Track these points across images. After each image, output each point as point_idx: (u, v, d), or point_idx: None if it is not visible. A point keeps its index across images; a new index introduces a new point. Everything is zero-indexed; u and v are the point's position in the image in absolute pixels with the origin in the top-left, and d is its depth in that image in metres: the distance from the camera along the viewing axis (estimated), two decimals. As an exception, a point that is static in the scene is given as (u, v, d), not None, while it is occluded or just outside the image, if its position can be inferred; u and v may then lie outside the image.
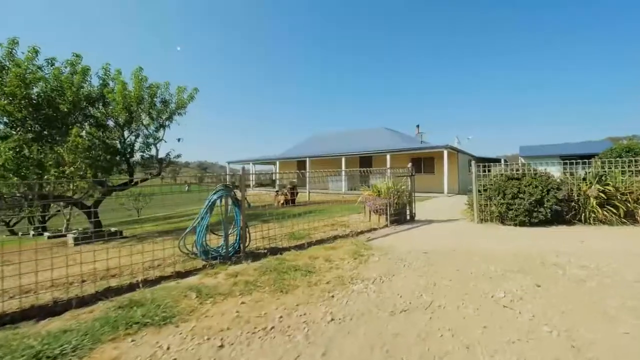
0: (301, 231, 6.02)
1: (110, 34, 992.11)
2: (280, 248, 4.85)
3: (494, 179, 6.85)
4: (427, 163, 21.04)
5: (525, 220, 6.18)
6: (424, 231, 6.21)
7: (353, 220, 7.21)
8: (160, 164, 8.61)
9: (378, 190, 7.28)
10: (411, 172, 7.68)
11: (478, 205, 6.86)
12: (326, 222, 7.36)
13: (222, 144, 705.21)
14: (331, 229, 6.45)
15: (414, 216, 7.75)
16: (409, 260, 3.92)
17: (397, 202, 7.13)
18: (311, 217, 8.61)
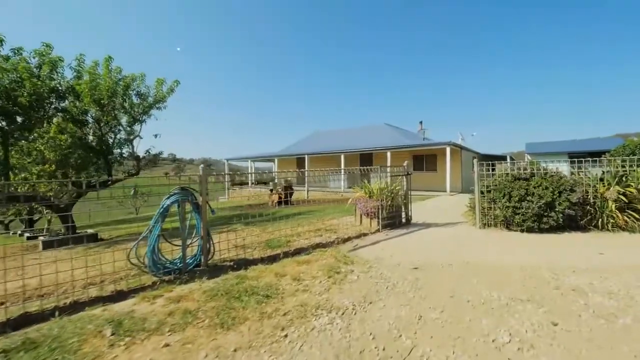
0: (282, 238, 5.38)
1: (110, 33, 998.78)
2: (250, 260, 4.21)
3: (499, 179, 6.14)
4: (429, 160, 20.29)
5: (533, 226, 5.47)
6: (419, 238, 5.53)
7: (343, 224, 6.56)
8: (137, 162, 7.99)
9: (370, 191, 6.61)
10: (407, 171, 6.99)
11: (480, 208, 6.16)
12: (313, 226, 6.71)
13: (228, 140, 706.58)
14: (316, 234, 5.80)
15: (410, 219, 7.07)
16: (394, 279, 3.25)
17: (391, 204, 6.45)
18: (300, 219, 7.98)
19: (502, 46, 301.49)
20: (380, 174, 6.57)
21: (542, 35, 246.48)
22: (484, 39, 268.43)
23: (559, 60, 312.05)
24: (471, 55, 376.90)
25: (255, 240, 5.24)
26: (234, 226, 7.37)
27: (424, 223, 7.12)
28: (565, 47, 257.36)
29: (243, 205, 15.85)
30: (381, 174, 6.49)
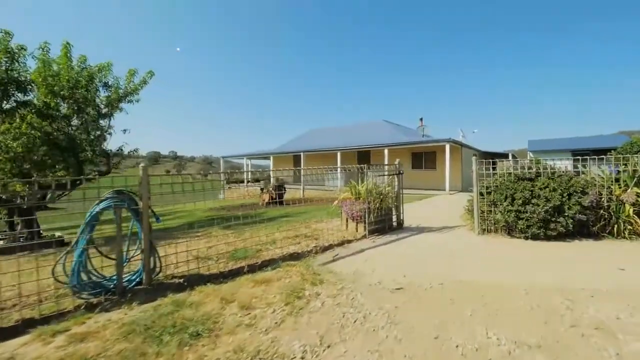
0: (253, 247, 4.74)
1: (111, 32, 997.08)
2: (206, 276, 3.57)
3: (500, 179, 5.47)
4: (429, 158, 19.61)
5: (539, 232, 4.81)
6: (408, 247, 4.87)
7: (328, 228, 5.90)
8: (107, 159, 7.34)
9: (357, 192, 5.95)
10: (398, 169, 6.32)
11: (479, 212, 5.49)
12: (295, 231, 6.07)
13: (230, 138, 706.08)
14: (293, 242, 5.15)
15: (402, 223, 6.41)
16: (368, 307, 2.60)
17: (380, 206, 5.79)
18: (285, 222, 7.34)
19: (503, 45, 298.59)
20: (367, 173, 5.91)
21: (542, 34, 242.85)
22: (485, 38, 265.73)
23: (560, 59, 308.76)
24: (473, 53, 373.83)
25: (224, 249, 4.60)
26: (211, 230, 6.74)
27: (417, 227, 6.46)
28: (566, 46, 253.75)
29: (233, 205, 15.21)
30: (368, 173, 5.82)
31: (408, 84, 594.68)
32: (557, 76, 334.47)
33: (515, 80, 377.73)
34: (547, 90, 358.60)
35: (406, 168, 20.62)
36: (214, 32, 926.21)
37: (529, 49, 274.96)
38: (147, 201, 3.27)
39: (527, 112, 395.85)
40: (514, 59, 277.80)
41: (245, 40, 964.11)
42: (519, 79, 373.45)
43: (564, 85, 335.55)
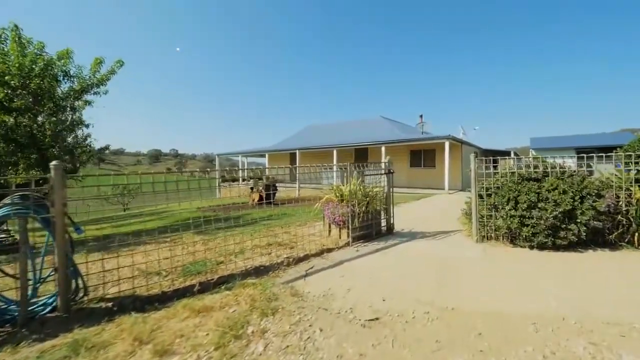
0: (218, 257, 4.11)
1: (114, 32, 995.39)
2: (143, 298, 2.94)
3: (502, 179, 4.81)
4: (428, 156, 18.93)
5: (546, 241, 4.15)
6: (395, 258, 4.22)
7: (310, 234, 5.26)
8: (71, 156, 6.71)
9: (340, 193, 5.30)
10: (388, 168, 5.66)
11: (478, 217, 4.83)
12: (272, 237, 5.43)
13: (231, 136, 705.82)
14: (264, 251, 4.50)
15: (393, 227, 5.76)
16: (326, 353, 1.96)
17: (366, 210, 5.15)
18: (264, 225, 6.70)
19: (504, 44, 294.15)
20: (350, 172, 5.25)
21: (544, 33, 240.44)
22: (487, 37, 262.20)
23: (561, 58, 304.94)
24: (474, 52, 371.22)
25: (182, 260, 3.96)
26: (181, 235, 6.11)
27: (410, 232, 5.82)
28: (568, 45, 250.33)
29: (224, 205, 14.58)
30: (354, 173, 5.16)
31: (409, 82, 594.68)
32: (559, 75, 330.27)
33: (516, 77, 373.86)
34: (549, 88, 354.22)
35: (404, 166, 19.96)
36: (214, 32, 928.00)
37: (530, 48, 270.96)
38: (62, 208, 2.63)
39: (529, 110, 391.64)
40: (515, 57, 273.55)
41: (245, 39, 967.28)
42: (521, 77, 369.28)
43: (565, 84, 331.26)
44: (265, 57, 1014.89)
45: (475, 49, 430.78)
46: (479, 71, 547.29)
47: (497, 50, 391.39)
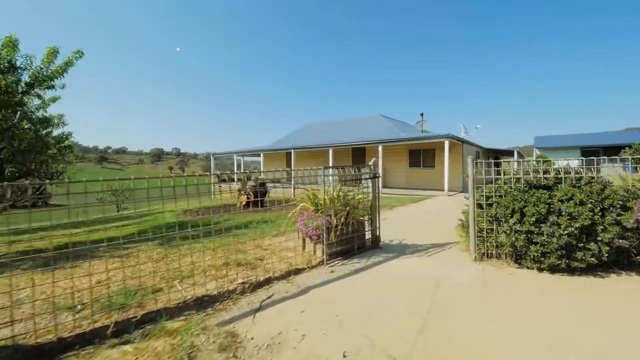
0: (157, 283, 3.40)
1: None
2: (28, 349, 2.22)
3: (506, 186, 4.05)
4: (427, 156, 18.16)
5: (559, 263, 3.40)
6: (374, 284, 3.48)
7: (282, 249, 4.55)
8: (23, 157, 6.00)
9: (316, 201, 4.56)
10: (374, 172, 4.92)
11: (476, 230, 4.08)
12: (239, 252, 4.72)
13: (234, 135, 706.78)
14: (219, 273, 3.77)
15: (379, 240, 5.01)
16: None
17: (346, 221, 4.41)
18: (235, 235, 5.98)
19: (507, 42, 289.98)
20: (326, 177, 4.50)
21: (546, 32, 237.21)
22: (490, 35, 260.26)
23: (563, 56, 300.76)
24: (476, 49, 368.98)
25: (118, 285, 3.25)
26: (141, 247, 5.42)
27: (399, 245, 5.07)
28: (570, 44, 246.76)
29: (212, 207, 13.87)
30: (330, 177, 4.41)
31: (411, 80, 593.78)
32: (562, 72, 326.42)
33: (519, 75, 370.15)
34: (552, 86, 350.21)
35: (403, 166, 19.20)
36: (214, 32, 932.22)
37: (532, 46, 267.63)
38: None
39: (533, 108, 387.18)
40: (517, 55, 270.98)
41: (245, 39, 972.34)
42: (524, 75, 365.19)
43: (568, 82, 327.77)
44: (266, 56, 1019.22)
45: (477, 47, 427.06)
46: (480, 70, 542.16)
47: (499, 47, 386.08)
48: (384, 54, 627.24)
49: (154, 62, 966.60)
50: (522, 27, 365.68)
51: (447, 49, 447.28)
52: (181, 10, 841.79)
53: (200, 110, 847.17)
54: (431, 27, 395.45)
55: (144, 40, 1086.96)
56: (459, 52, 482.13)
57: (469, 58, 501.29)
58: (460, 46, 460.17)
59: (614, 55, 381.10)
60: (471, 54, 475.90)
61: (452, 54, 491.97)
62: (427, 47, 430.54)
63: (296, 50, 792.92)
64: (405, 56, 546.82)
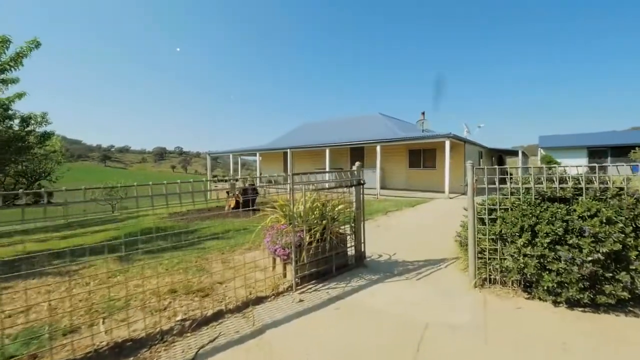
0: (79, 319, 2.74)
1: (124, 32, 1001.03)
2: None
3: (513, 197, 3.34)
4: (428, 156, 17.42)
5: (581, 297, 2.70)
6: (348, 324, 2.80)
7: (253, 266, 3.87)
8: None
9: (289, 212, 3.88)
10: (357, 177, 4.22)
11: (476, 251, 3.38)
12: (200, 272, 4.06)
13: (235, 134, 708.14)
14: (162, 304, 3.10)
15: (363, 256, 4.33)
16: None
17: (323, 237, 3.73)
18: (200, 249, 5.31)
19: (510, 40, 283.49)
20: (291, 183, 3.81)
21: (548, 30, 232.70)
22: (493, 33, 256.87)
23: (566, 54, 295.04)
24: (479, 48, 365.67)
25: (26, 320, 2.60)
26: (96, 262, 4.77)
27: (387, 262, 4.39)
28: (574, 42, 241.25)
29: (202, 209, 13.20)
30: (301, 185, 3.71)
31: (413, 79, 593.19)
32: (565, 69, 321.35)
33: (523, 74, 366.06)
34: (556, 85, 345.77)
35: (403, 167, 18.45)
36: (215, 29, 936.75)
37: (535, 43, 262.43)
38: None
39: (537, 107, 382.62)
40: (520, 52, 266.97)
41: (247, 37, 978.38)
42: (527, 73, 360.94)
43: (572, 80, 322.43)
44: (268, 54, 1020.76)
45: (480, 45, 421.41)
46: (484, 67, 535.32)
47: (503, 45, 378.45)
48: (384, 52, 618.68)
49: (157, 60, 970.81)
50: (524, 26, 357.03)
51: (452, 46, 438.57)
52: (181, 8, 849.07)
53: (202, 109, 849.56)
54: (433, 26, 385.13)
55: (145, 38, 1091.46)
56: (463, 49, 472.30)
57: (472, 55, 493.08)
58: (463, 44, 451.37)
59: (616, 55, 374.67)
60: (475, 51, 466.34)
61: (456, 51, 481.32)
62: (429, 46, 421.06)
63: (300, 50, 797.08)
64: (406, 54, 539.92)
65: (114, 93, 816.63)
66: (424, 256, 4.60)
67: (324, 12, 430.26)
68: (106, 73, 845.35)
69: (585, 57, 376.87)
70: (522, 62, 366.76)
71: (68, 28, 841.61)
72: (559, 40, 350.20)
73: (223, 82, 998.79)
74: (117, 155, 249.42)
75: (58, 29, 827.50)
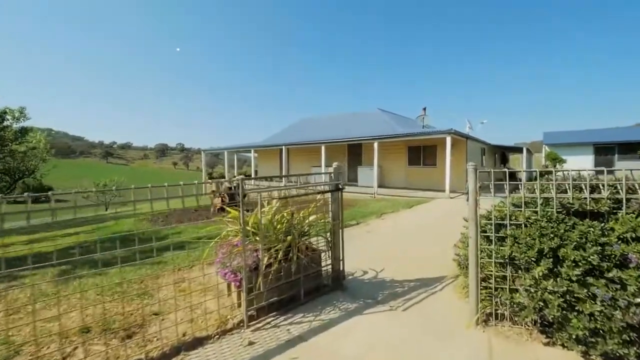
0: None
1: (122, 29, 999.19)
2: None
3: (528, 210, 2.57)
4: (428, 153, 16.62)
5: (626, 353, 1.95)
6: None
7: (206, 287, 3.15)
8: None
9: (245, 225, 3.13)
10: (335, 181, 3.47)
11: (479, 278, 2.62)
12: (139, 296, 3.34)
13: (237, 131, 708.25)
14: (66, 351, 2.38)
15: (341, 276, 3.58)
16: None
17: (288, 256, 2.99)
18: (154, 264, 4.58)
19: (514, 36, 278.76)
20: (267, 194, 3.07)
21: (551, 27, 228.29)
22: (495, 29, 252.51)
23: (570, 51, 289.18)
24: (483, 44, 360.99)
25: None
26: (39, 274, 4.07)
27: (371, 282, 3.65)
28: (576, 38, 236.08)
29: (188, 208, 12.47)
30: (252, 192, 2.96)
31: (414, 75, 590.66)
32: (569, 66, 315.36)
33: (527, 69, 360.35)
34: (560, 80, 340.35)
35: (402, 165, 17.65)
36: (216, 26, 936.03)
37: (539, 39, 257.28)
38: None
39: (540, 103, 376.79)
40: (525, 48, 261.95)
41: (248, 35, 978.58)
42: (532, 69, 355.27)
43: (576, 76, 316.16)
44: (269, 51, 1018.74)
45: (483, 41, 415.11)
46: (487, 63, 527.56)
47: (507, 41, 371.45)
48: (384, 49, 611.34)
49: (159, 56, 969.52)
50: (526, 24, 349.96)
51: (454, 43, 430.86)
52: (182, 8, 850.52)
53: (204, 105, 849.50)
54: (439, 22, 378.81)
55: (147, 36, 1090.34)
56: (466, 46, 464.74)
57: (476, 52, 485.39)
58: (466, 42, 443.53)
59: (618, 53, 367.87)
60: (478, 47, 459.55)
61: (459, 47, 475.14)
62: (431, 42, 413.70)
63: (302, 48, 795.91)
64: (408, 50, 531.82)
65: (117, 90, 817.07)
66: (417, 272, 3.86)
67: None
68: (108, 71, 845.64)
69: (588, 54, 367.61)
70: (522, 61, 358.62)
71: (68, 27, 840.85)
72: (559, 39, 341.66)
73: (224, 80, 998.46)
74: (119, 151, 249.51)
75: (58, 27, 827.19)
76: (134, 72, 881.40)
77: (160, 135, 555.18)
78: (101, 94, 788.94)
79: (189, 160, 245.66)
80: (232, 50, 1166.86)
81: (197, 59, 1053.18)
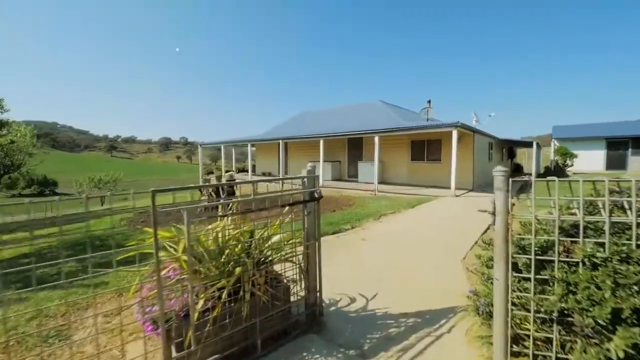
0: None
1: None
2: None
3: (589, 244, 1.69)
4: (432, 147, 15.66)
5: None
6: None
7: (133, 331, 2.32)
8: None
9: (180, 254, 2.28)
10: (309, 189, 2.60)
11: (508, 335, 1.76)
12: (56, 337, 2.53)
13: (238, 125, 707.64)
14: None
15: (319, 311, 2.74)
16: None
17: (236, 296, 2.15)
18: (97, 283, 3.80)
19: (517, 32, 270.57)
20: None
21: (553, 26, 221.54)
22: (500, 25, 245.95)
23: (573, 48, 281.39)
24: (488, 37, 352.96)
25: None
26: None
27: (357, 317, 2.80)
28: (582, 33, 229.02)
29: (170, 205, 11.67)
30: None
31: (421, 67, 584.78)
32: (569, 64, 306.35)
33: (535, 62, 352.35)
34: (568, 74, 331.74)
35: (405, 160, 16.68)
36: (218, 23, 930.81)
37: (543, 36, 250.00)
38: None
39: (549, 95, 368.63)
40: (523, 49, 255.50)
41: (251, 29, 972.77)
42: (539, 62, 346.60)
43: (581, 72, 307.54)
44: (270, 45, 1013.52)
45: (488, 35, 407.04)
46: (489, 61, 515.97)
47: (515, 33, 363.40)
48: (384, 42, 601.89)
49: (161, 50, 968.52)
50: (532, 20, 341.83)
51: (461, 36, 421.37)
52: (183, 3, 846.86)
53: (207, 99, 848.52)
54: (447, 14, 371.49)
55: (149, 33, 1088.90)
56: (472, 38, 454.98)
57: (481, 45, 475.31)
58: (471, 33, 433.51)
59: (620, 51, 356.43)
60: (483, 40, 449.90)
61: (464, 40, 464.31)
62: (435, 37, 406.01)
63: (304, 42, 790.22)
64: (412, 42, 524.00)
65: (122, 84, 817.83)
66: (418, 301, 3.01)
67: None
68: (113, 66, 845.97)
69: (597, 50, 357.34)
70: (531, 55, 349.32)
71: (68, 23, 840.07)
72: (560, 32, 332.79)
73: (226, 77, 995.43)
74: (123, 145, 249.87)
75: (58, 24, 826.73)
76: (140, 65, 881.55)
77: (164, 129, 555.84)
78: (108, 88, 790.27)
79: (192, 154, 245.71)
80: (239, 42, 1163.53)
81: (203, 50, 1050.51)
